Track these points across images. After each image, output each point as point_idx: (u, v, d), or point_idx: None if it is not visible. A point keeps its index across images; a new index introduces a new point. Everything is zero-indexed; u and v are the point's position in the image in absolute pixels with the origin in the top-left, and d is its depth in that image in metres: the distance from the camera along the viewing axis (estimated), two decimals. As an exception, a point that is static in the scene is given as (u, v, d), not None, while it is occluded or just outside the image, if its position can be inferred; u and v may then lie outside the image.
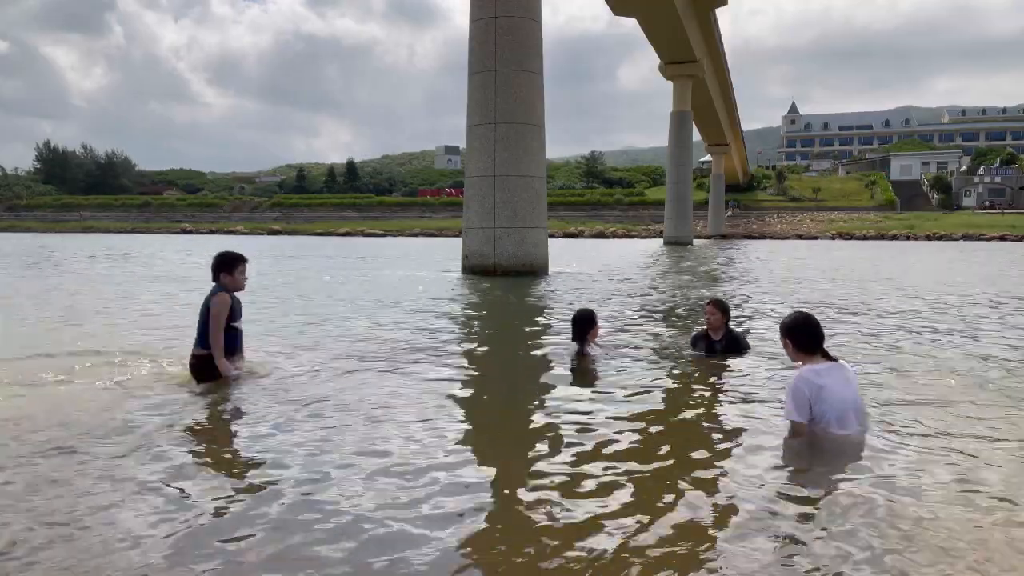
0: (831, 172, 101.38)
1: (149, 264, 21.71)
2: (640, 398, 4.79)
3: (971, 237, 55.29)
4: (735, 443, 3.82)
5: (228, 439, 3.94)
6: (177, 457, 3.53)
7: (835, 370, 3.59)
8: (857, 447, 3.62)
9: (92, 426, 3.98)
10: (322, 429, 4.01)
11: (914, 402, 4.66)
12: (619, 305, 10.76)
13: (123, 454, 3.54)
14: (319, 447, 3.69)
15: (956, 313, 9.77)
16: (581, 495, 3.10)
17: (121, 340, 7.08)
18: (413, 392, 4.91)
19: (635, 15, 39.82)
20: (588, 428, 4.09)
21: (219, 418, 4.30)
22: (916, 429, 4.03)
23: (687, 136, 49.57)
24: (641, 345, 6.93)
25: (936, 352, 6.66)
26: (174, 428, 4.00)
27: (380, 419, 4.21)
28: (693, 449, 3.76)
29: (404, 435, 3.90)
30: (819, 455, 3.56)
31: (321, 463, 3.45)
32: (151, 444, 3.70)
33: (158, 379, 5.16)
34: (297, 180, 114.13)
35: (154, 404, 4.47)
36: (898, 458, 3.51)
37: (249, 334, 5.52)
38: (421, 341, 7.27)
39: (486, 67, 17.21)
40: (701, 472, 3.39)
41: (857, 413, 3.63)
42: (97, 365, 5.70)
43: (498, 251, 17.07)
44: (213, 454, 3.67)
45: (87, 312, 9.72)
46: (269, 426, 4.04)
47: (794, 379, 3.63)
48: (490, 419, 4.31)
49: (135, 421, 4.10)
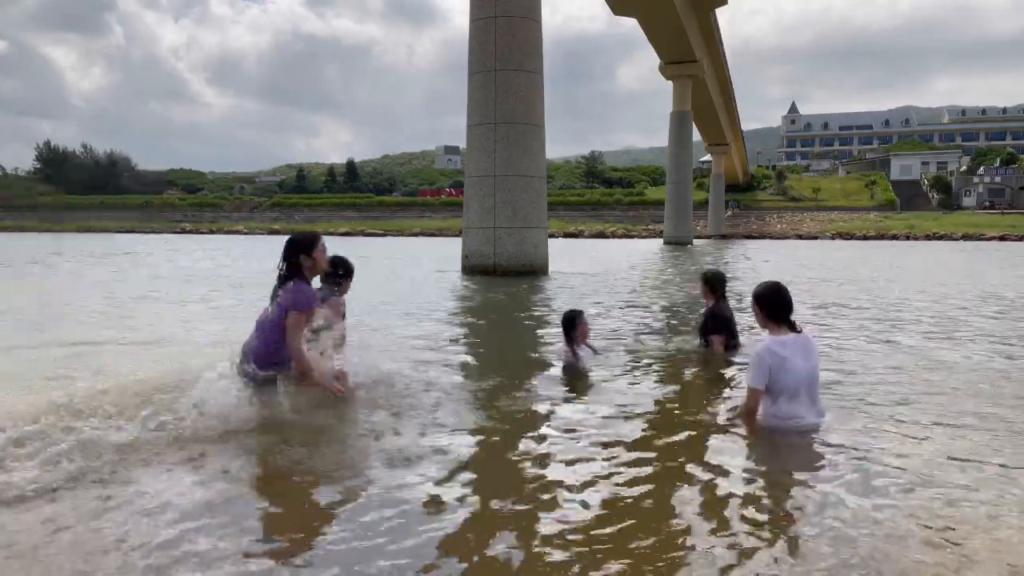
0: (831, 172, 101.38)
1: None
2: (625, 397, 4.79)
3: (971, 237, 55.29)
4: (724, 441, 3.83)
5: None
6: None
7: (798, 342, 3.77)
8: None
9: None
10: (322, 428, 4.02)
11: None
12: (616, 303, 10.77)
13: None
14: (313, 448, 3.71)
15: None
16: (569, 496, 3.11)
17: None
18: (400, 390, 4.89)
19: (635, 15, 39.84)
20: (572, 429, 4.08)
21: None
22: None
23: (687, 136, 49.59)
24: (632, 346, 6.93)
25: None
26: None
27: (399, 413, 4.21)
28: (682, 448, 3.77)
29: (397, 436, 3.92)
30: (794, 454, 3.59)
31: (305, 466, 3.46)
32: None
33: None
34: (297, 180, 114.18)
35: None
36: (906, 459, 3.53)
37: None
38: (417, 343, 7.28)
39: (486, 67, 17.23)
40: (693, 470, 3.41)
41: (810, 387, 3.81)
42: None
43: (498, 251, 17.08)
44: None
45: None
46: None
47: (760, 348, 3.82)
48: (477, 420, 4.32)
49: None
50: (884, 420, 4.18)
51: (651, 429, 4.10)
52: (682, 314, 9.82)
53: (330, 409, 4.03)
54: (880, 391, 4.94)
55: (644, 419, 4.29)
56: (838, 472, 3.32)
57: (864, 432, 3.92)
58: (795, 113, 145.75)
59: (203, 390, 3.97)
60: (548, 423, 4.19)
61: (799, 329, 3.87)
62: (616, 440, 3.85)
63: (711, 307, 6.17)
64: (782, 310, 3.84)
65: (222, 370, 4.05)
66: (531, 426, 4.15)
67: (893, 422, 4.15)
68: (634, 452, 3.66)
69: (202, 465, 3.38)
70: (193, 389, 4.04)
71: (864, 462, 3.44)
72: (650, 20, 40.13)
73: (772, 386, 3.76)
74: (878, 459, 3.49)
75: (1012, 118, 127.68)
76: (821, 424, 3.89)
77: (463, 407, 4.56)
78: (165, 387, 4.41)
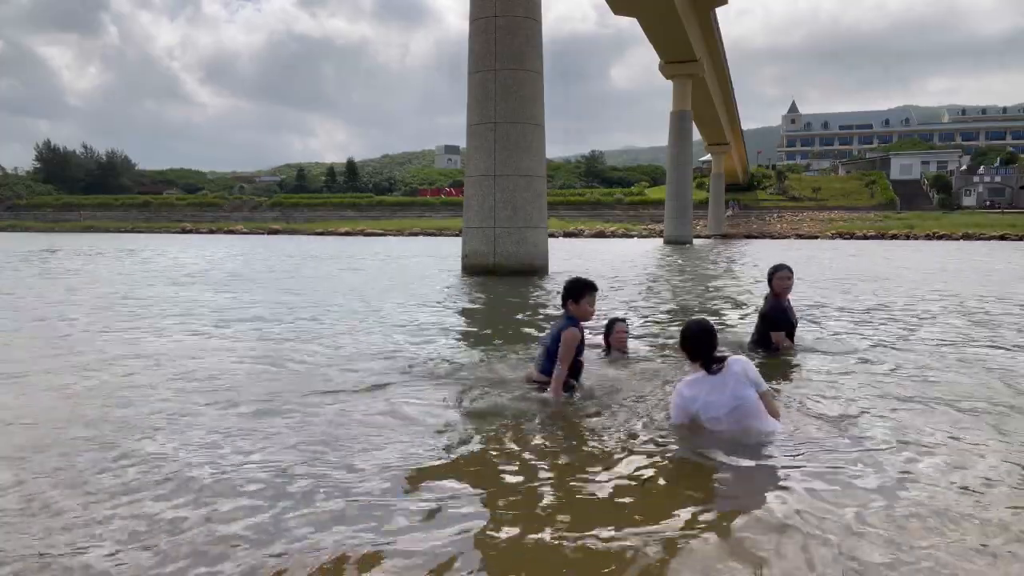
0: (831, 171, 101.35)
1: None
2: (629, 402, 4.78)
3: (971, 237, 55.29)
4: (725, 448, 3.81)
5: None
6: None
7: (707, 380, 3.93)
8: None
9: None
10: (318, 433, 4.01)
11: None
12: (621, 303, 10.75)
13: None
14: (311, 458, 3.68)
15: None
16: (566, 499, 3.09)
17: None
18: (398, 399, 4.89)
19: (635, 15, 39.82)
20: (570, 433, 4.07)
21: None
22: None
23: (687, 135, 49.57)
24: (635, 349, 6.91)
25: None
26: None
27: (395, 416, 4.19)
28: (681, 451, 3.76)
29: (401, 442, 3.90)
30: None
31: (291, 471, 3.44)
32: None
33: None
34: (297, 179, 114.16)
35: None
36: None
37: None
38: (413, 348, 7.26)
39: (486, 66, 17.21)
40: (694, 475, 3.38)
41: (730, 415, 3.87)
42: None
43: (498, 251, 17.06)
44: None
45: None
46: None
47: (674, 391, 4.10)
48: (472, 424, 4.30)
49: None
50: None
51: (646, 429, 4.08)
52: (682, 314, 9.80)
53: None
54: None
55: (637, 420, 4.26)
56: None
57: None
58: (795, 112, 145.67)
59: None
60: (546, 423, 4.17)
61: (719, 362, 3.96)
62: (605, 443, 3.82)
63: (775, 302, 6.22)
64: (696, 351, 4.00)
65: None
66: (523, 425, 4.12)
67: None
68: (624, 455, 3.64)
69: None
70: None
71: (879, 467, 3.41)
72: (650, 19, 40.11)
73: (695, 419, 3.94)
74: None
75: (1012, 117, 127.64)
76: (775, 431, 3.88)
77: (445, 414, 4.52)
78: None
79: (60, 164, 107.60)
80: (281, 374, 5.55)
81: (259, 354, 6.40)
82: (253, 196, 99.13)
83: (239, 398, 4.72)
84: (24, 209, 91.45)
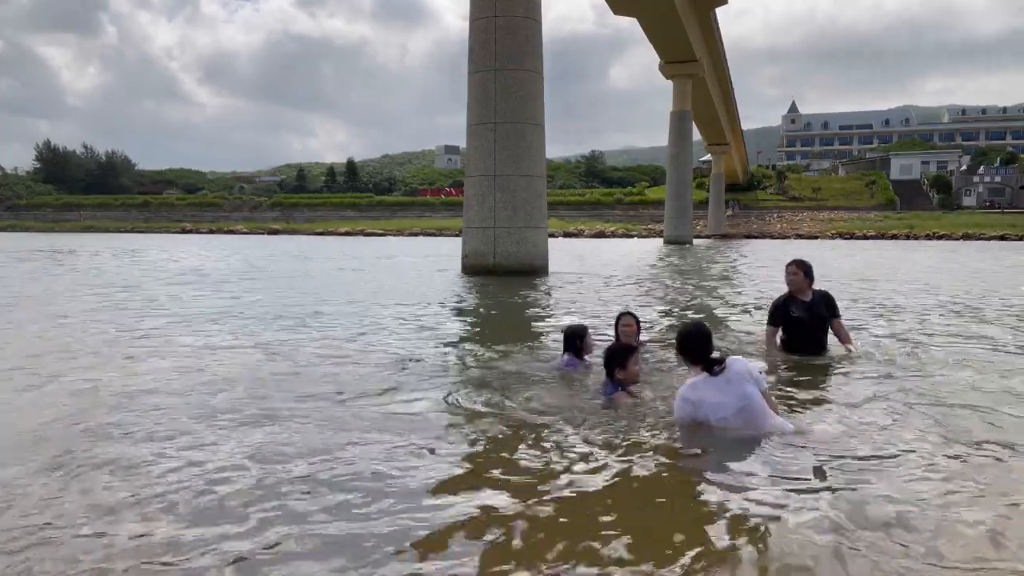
0: (831, 171, 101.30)
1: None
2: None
3: (971, 237, 55.26)
4: (725, 451, 3.80)
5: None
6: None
7: (709, 382, 3.91)
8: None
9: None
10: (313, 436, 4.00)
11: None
12: (619, 306, 10.74)
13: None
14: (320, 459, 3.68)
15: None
16: (567, 499, 3.08)
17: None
18: (401, 399, 4.89)
19: (635, 14, 39.80)
20: (569, 436, 4.06)
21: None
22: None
23: (687, 135, 49.55)
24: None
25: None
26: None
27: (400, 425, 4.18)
28: (679, 457, 3.75)
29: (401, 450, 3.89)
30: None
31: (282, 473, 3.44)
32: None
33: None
34: (297, 180, 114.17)
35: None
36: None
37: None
38: (413, 349, 7.25)
39: (486, 66, 17.19)
40: (695, 481, 3.38)
41: (738, 415, 3.85)
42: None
43: (498, 251, 17.04)
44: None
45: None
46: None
47: (676, 396, 4.05)
48: (472, 424, 4.30)
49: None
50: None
51: (646, 430, 4.07)
52: (684, 314, 9.79)
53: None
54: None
55: (636, 422, 4.26)
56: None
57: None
58: (795, 112, 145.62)
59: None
60: (547, 428, 4.16)
61: (719, 363, 3.96)
62: (604, 446, 3.81)
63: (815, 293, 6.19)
64: (695, 354, 4.01)
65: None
66: (522, 431, 4.12)
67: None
68: (623, 459, 3.63)
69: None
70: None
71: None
72: (650, 20, 40.09)
73: (703, 420, 3.93)
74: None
75: (1012, 117, 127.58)
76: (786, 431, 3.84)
77: (446, 415, 4.52)
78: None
79: (60, 164, 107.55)
80: (281, 374, 5.54)
81: (259, 354, 6.39)
82: (253, 196, 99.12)
83: (239, 398, 4.71)
84: (24, 209, 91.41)
